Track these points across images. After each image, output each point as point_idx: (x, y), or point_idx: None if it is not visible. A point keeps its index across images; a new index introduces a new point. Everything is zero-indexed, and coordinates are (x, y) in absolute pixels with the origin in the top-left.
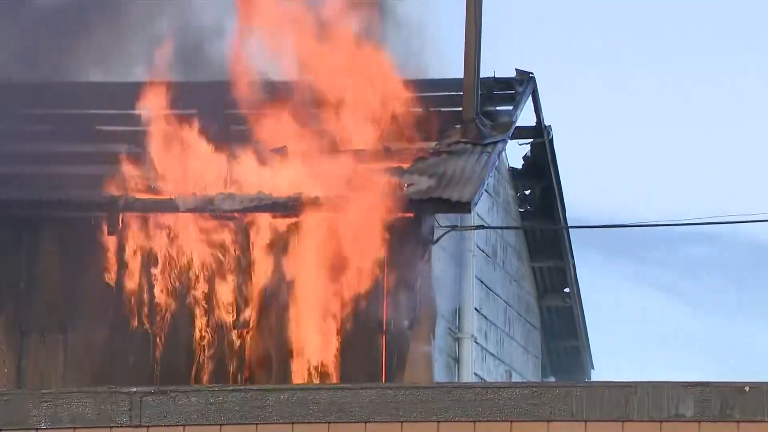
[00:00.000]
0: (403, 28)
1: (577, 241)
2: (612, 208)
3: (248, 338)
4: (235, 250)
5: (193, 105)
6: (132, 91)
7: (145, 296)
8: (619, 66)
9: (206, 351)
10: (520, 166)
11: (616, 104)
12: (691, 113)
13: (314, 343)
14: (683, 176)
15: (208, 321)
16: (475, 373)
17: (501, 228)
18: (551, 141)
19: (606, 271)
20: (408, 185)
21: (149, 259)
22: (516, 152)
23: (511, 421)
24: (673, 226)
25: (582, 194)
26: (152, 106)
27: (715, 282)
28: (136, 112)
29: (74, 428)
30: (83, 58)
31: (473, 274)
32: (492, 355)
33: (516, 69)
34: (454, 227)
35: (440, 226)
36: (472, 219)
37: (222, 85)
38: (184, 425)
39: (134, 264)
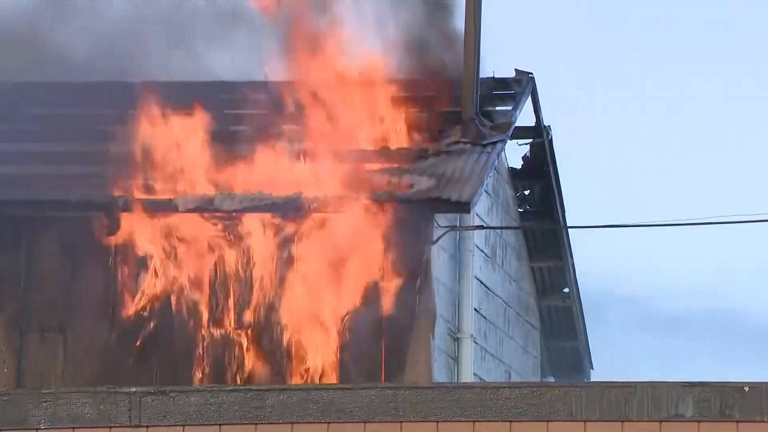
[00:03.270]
0: (404, 28)
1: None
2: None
3: (248, 338)
4: (234, 251)
5: (193, 105)
6: (132, 91)
7: (145, 296)
8: (619, 66)
9: (206, 351)
10: (519, 166)
11: (616, 104)
12: (692, 113)
13: (314, 343)
14: (683, 176)
15: (207, 321)
16: (474, 373)
17: (500, 228)
18: (551, 141)
19: None
20: (408, 185)
21: (149, 259)
22: (515, 152)
23: (511, 421)
24: (673, 226)
25: (582, 194)
26: (152, 106)
27: None
28: (136, 112)
29: (74, 428)
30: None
31: (473, 274)
32: (491, 355)
33: (515, 69)
34: (453, 227)
35: (440, 226)
36: (472, 219)
37: (222, 85)
38: (183, 425)
39: (134, 264)
